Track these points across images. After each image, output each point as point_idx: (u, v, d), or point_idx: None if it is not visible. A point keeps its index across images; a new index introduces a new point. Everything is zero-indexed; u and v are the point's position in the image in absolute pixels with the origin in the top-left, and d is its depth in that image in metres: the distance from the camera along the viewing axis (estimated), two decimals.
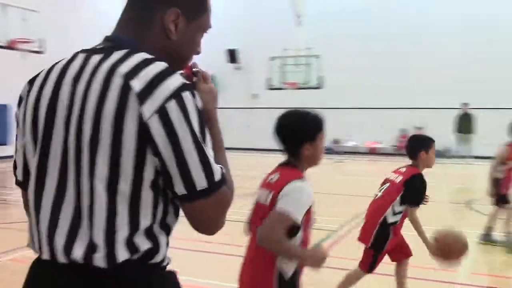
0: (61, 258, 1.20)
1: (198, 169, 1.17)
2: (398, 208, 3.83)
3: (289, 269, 2.26)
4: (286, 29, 17.79)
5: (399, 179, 3.93)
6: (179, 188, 1.18)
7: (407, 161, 4.01)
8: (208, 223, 1.25)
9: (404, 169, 4.02)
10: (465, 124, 16.79)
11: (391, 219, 3.83)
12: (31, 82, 1.33)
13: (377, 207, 3.94)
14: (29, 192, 1.29)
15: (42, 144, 1.25)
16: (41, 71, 1.33)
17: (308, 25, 17.78)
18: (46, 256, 1.23)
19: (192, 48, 1.39)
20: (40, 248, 1.25)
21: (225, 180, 1.23)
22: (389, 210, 3.82)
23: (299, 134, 2.36)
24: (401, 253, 3.99)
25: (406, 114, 18.46)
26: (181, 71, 1.39)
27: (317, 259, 2.24)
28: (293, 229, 2.20)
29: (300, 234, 2.25)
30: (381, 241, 3.84)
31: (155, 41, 1.32)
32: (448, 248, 2.65)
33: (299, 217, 2.19)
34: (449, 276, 4.91)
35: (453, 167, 15.12)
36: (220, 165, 1.23)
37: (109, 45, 1.28)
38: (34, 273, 1.30)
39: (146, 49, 1.26)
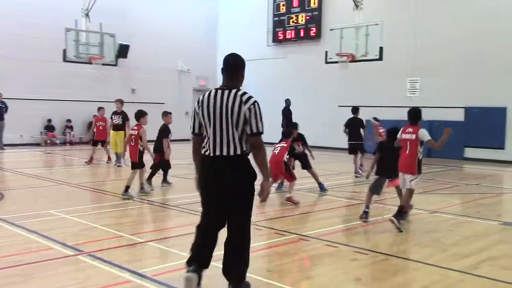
0: (220, 153, 4.29)
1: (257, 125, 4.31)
2: (286, 156, 9.45)
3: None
4: None
5: (285, 144, 9.61)
6: (251, 131, 4.28)
7: None
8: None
9: (284, 142, 9.73)
10: None
11: (285, 159, 9.43)
12: (200, 98, 4.45)
13: (279, 155, 9.38)
14: (208, 136, 4.33)
15: (213, 121, 4.29)
16: (204, 94, 4.45)
17: None
18: (215, 153, 4.30)
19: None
20: (211, 150, 4.32)
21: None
22: (284, 157, 9.42)
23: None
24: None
25: None
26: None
27: None
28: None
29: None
30: (288, 167, 9.58)
31: (240, 81, 4.49)
32: None
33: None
34: None
35: None
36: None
37: (229, 88, 4.36)
38: (207, 160, 4.35)
39: (238, 85, 4.46)
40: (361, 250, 6.14)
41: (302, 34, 23.77)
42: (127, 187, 9.54)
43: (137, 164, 9.78)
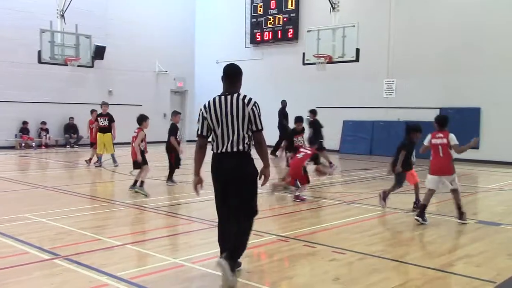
0: (228, 150, 4.94)
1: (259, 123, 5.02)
2: (307, 162, 9.79)
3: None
4: None
5: (309, 152, 9.91)
6: (256, 128, 4.99)
7: None
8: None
9: (308, 147, 10.74)
10: None
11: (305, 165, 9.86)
12: (206, 105, 5.08)
13: (300, 161, 9.73)
14: (217, 136, 4.98)
15: (221, 123, 4.94)
16: (209, 101, 5.06)
17: None
18: (223, 150, 4.96)
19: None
20: (221, 148, 4.97)
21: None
22: (305, 162, 9.76)
23: None
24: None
25: None
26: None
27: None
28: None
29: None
30: (305, 172, 9.79)
31: (238, 87, 5.15)
32: None
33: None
34: None
35: None
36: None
37: (230, 93, 5.02)
38: (217, 156, 5.03)
39: (237, 90, 5.11)
40: (339, 250, 6.19)
41: (279, 35, 23.86)
42: (136, 181, 10.39)
43: (139, 163, 10.42)
